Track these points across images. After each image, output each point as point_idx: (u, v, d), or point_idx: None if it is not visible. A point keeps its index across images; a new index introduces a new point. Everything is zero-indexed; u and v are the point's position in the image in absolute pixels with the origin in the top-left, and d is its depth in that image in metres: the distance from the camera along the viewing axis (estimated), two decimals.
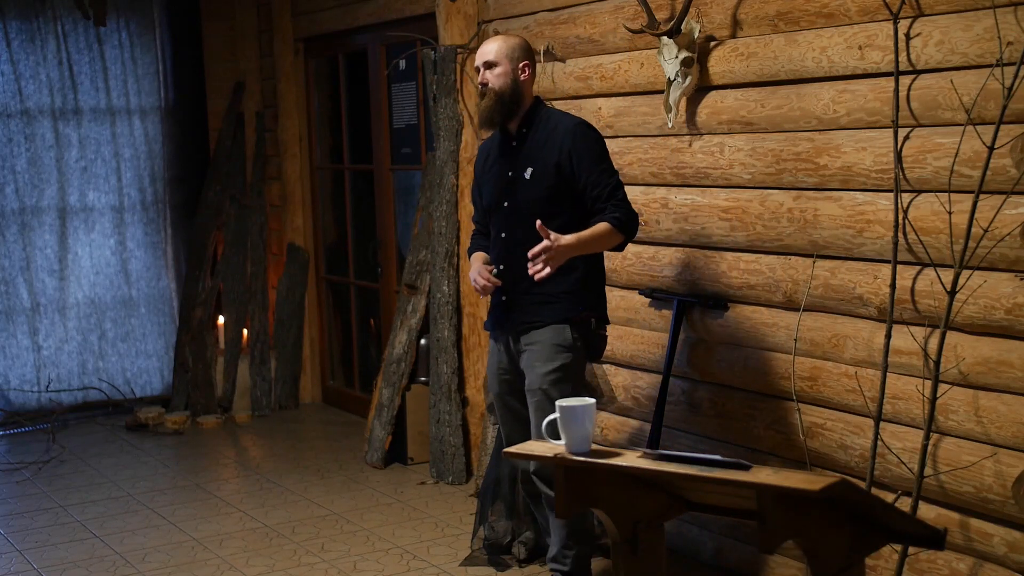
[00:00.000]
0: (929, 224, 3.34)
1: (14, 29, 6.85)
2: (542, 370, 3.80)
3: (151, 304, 7.35)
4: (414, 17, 5.93)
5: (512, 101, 3.85)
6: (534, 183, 3.82)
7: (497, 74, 3.85)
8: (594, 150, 3.79)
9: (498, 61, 3.85)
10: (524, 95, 3.88)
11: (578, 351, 3.83)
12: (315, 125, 7.26)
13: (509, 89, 3.84)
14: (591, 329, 3.86)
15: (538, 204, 3.79)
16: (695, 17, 4.07)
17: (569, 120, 3.85)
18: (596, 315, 3.88)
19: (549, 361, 3.80)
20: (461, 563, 4.45)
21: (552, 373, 3.79)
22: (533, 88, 3.97)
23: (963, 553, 3.37)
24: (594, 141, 3.81)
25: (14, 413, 6.91)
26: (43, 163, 6.98)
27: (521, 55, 3.87)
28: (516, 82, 3.85)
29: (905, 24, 3.36)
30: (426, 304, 5.69)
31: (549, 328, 3.81)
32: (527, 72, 3.87)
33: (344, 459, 5.99)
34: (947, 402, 3.32)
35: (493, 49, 3.88)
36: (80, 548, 4.79)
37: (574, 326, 3.81)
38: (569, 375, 3.81)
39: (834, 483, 2.51)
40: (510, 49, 3.87)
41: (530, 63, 3.89)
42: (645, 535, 3.01)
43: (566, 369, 3.80)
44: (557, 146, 3.79)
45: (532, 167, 3.83)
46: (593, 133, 3.83)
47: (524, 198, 3.84)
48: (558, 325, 3.80)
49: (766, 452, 3.98)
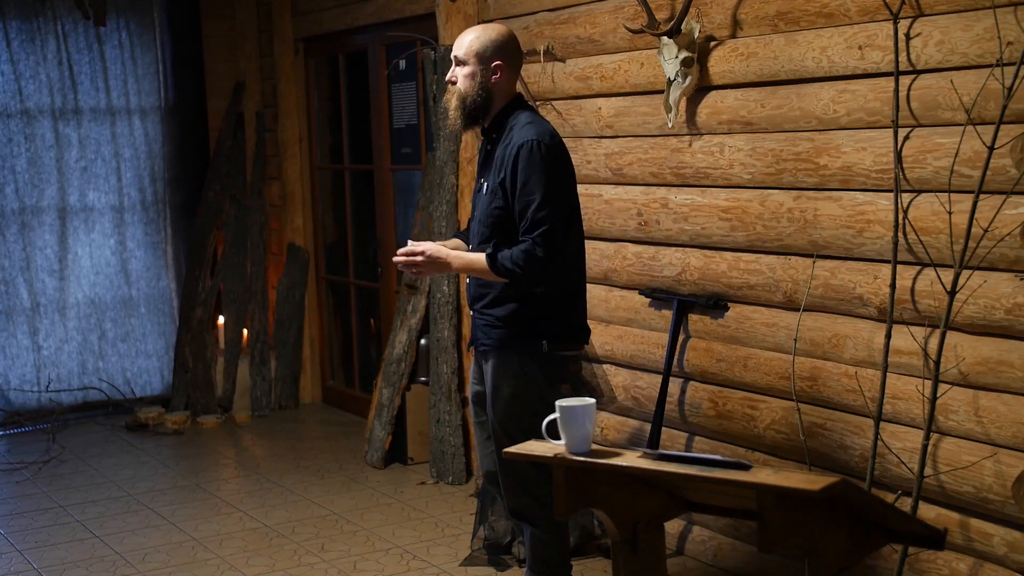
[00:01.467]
0: (929, 224, 3.34)
1: (14, 29, 6.85)
2: (493, 402, 3.62)
3: (151, 304, 7.35)
4: (414, 17, 5.93)
5: (478, 106, 3.56)
6: (487, 199, 3.58)
7: (465, 74, 3.55)
8: (526, 174, 3.42)
9: (467, 60, 3.54)
10: (494, 97, 3.57)
11: (527, 377, 3.57)
12: (315, 125, 7.26)
13: (473, 92, 3.55)
14: (543, 352, 3.56)
15: (487, 220, 3.56)
16: (695, 17, 4.07)
17: (522, 135, 3.48)
18: (550, 337, 3.56)
19: (497, 392, 3.60)
20: (461, 563, 4.45)
21: (503, 405, 3.59)
22: (512, 85, 3.64)
23: (963, 553, 3.38)
24: (531, 166, 3.42)
25: (14, 413, 6.91)
26: (43, 163, 6.98)
27: (494, 54, 3.53)
28: (484, 85, 3.54)
29: (905, 24, 3.36)
30: (426, 304, 5.69)
31: (495, 356, 3.59)
32: (500, 74, 3.54)
33: (344, 459, 5.99)
34: (947, 402, 3.32)
35: (464, 44, 3.56)
36: (80, 548, 4.79)
37: (520, 352, 3.56)
38: (521, 402, 3.57)
39: (834, 483, 2.51)
40: (482, 47, 3.53)
41: (505, 63, 3.55)
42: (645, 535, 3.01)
43: (515, 399, 3.57)
44: (505, 164, 3.49)
45: (488, 182, 3.58)
46: (535, 156, 3.43)
47: (480, 212, 3.63)
48: (503, 353, 3.57)
49: (766, 452, 3.98)
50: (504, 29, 3.65)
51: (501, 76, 3.57)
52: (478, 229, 3.63)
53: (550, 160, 3.47)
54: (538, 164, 3.44)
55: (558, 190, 3.49)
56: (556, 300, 3.59)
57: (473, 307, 3.72)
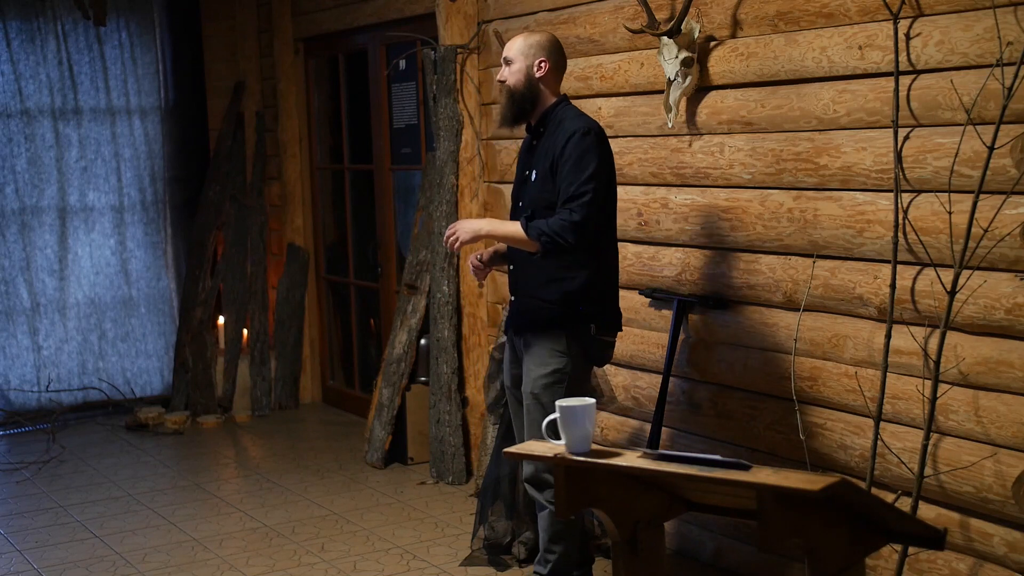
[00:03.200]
0: (929, 224, 3.34)
1: (14, 29, 6.86)
2: (534, 374, 3.79)
3: (151, 304, 7.36)
4: (414, 17, 5.93)
5: (525, 99, 3.80)
6: (536, 185, 3.80)
7: (512, 71, 3.81)
8: (575, 158, 3.65)
9: (514, 58, 3.81)
10: (541, 93, 3.81)
11: (574, 357, 3.77)
12: (315, 125, 7.26)
13: (522, 87, 3.79)
14: (591, 335, 3.80)
15: (538, 206, 3.76)
16: (695, 17, 4.07)
17: (572, 124, 3.74)
18: (597, 322, 3.80)
19: (542, 365, 3.78)
20: (461, 563, 4.45)
21: (543, 378, 3.76)
22: (557, 85, 3.86)
23: (963, 553, 3.38)
24: (584, 149, 3.66)
25: (14, 413, 6.91)
26: (43, 163, 6.98)
27: (538, 52, 3.79)
28: (530, 80, 3.79)
29: (905, 24, 3.36)
30: (426, 304, 5.69)
31: (544, 334, 3.78)
32: (543, 69, 3.78)
33: (344, 459, 5.99)
34: (947, 402, 3.32)
35: (512, 45, 3.83)
36: (80, 548, 4.79)
37: (570, 333, 3.76)
38: (562, 380, 3.76)
39: (834, 483, 2.51)
40: (527, 46, 3.80)
41: (548, 59, 3.80)
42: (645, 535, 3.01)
43: (559, 374, 3.76)
44: (554, 150, 3.73)
45: (536, 169, 3.81)
46: (585, 142, 3.67)
47: (529, 199, 3.83)
48: (553, 332, 3.77)
49: (766, 452, 3.98)
50: (548, 33, 3.92)
51: (545, 71, 3.81)
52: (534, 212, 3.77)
53: (598, 147, 3.71)
54: (587, 148, 3.67)
55: (602, 173, 3.70)
56: (599, 286, 3.79)
57: (517, 292, 3.89)
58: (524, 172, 3.91)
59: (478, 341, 5.50)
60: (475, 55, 5.40)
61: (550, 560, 3.92)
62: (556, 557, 3.90)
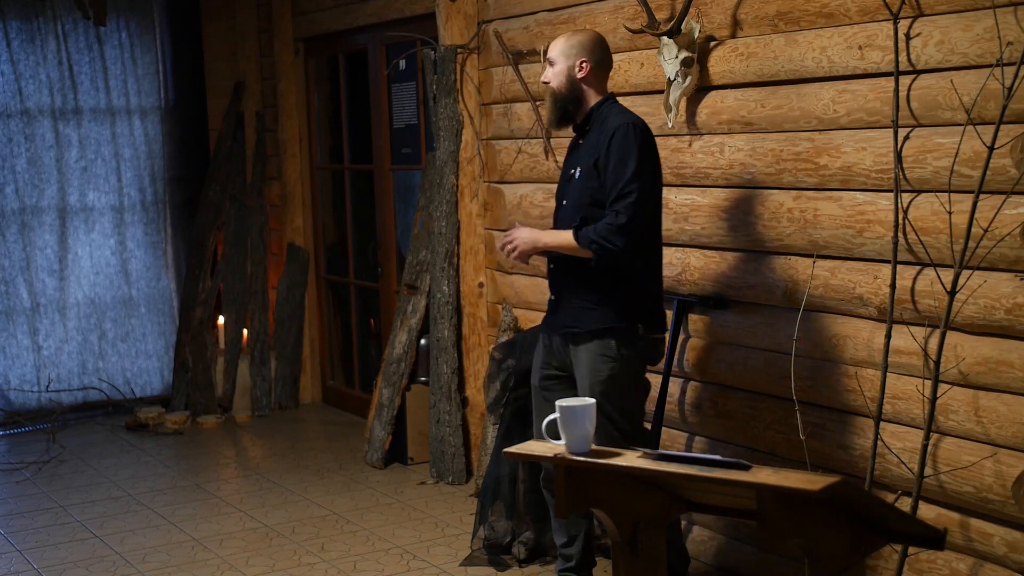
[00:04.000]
0: (929, 224, 3.34)
1: (14, 29, 6.86)
2: (589, 381, 3.74)
3: (151, 304, 7.36)
4: (414, 17, 5.93)
5: (568, 100, 3.78)
6: (580, 183, 3.77)
7: (555, 72, 3.79)
8: (622, 154, 3.62)
9: (555, 59, 3.79)
10: (584, 93, 3.78)
11: (625, 359, 3.72)
12: (315, 125, 7.26)
13: (565, 88, 3.77)
14: (639, 335, 3.74)
15: (582, 204, 3.73)
16: (695, 17, 4.07)
17: (615, 121, 3.70)
18: (644, 322, 3.74)
19: (596, 372, 3.73)
20: (461, 563, 4.45)
21: (599, 385, 3.72)
22: (602, 84, 3.82)
23: (963, 553, 3.38)
24: (627, 146, 3.63)
25: (14, 413, 6.91)
26: (43, 163, 6.98)
27: (579, 52, 3.75)
28: (572, 80, 3.76)
29: (905, 24, 3.36)
30: (426, 304, 5.69)
31: (593, 340, 3.74)
32: (585, 69, 3.75)
33: (344, 459, 5.99)
34: (947, 402, 3.32)
35: (554, 46, 3.82)
36: (80, 548, 4.79)
37: (617, 335, 3.71)
38: (620, 384, 3.72)
39: (834, 483, 2.51)
40: (568, 46, 3.77)
41: (589, 59, 3.75)
42: (645, 535, 3.01)
43: (616, 379, 3.71)
44: (599, 146, 3.69)
45: (581, 166, 3.78)
46: (632, 137, 3.63)
47: (573, 198, 3.80)
48: (601, 336, 3.72)
49: (766, 452, 3.98)
50: (591, 32, 3.89)
51: (586, 71, 3.77)
52: (571, 215, 3.77)
53: (644, 142, 3.68)
54: (633, 144, 3.64)
55: (649, 171, 3.68)
56: (644, 284, 3.76)
57: (560, 293, 3.85)
58: (569, 171, 3.87)
59: (478, 341, 5.50)
60: (475, 55, 5.40)
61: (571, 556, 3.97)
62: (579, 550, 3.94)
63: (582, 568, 3.99)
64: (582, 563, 3.98)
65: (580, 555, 3.97)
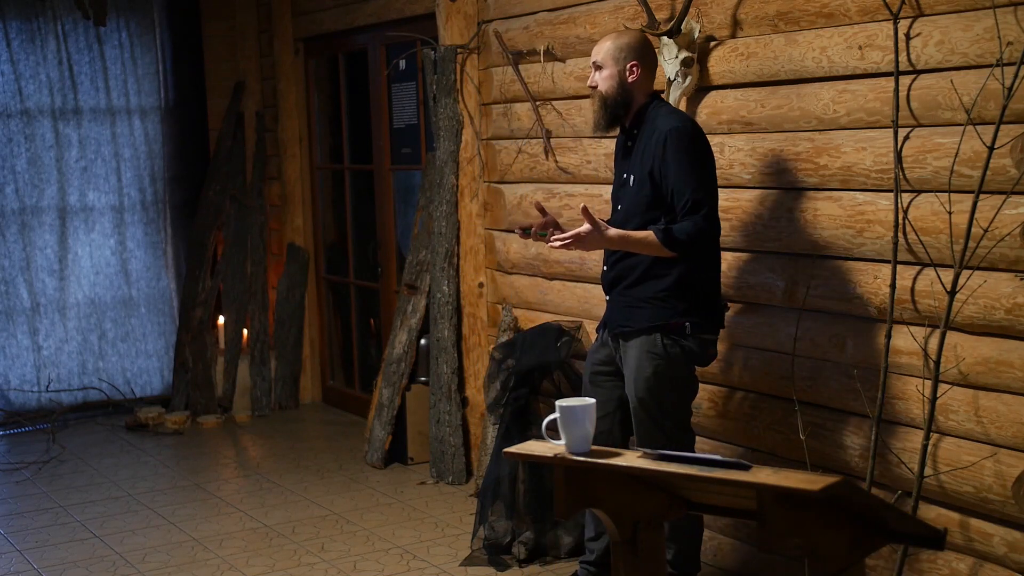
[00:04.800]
0: (929, 224, 3.34)
1: (14, 29, 6.85)
2: (636, 377, 3.75)
3: (151, 304, 7.35)
4: (414, 17, 5.93)
5: (619, 104, 3.75)
6: (636, 190, 3.75)
7: (604, 77, 3.75)
8: (680, 159, 3.60)
9: (604, 64, 3.75)
10: (633, 96, 3.76)
11: (673, 357, 3.71)
12: (315, 125, 7.26)
13: (615, 92, 3.74)
14: (686, 335, 3.71)
15: (639, 210, 3.72)
16: (695, 17, 4.07)
17: (666, 123, 3.67)
18: (693, 320, 3.71)
19: (642, 369, 3.73)
20: (461, 563, 4.45)
21: (646, 381, 3.72)
22: (650, 84, 3.80)
23: (963, 553, 3.37)
24: (682, 149, 3.61)
25: (14, 413, 6.91)
26: (43, 163, 6.98)
27: (629, 55, 3.72)
28: (623, 84, 3.73)
29: (905, 24, 3.36)
30: (426, 304, 5.69)
31: (641, 336, 3.74)
32: (636, 72, 3.73)
33: (344, 459, 5.99)
34: (947, 402, 3.32)
35: (602, 50, 3.77)
36: (80, 548, 4.79)
37: (665, 333, 3.70)
38: (664, 382, 3.71)
39: (834, 483, 2.51)
40: (617, 50, 3.74)
41: (640, 62, 3.73)
42: (645, 535, 3.01)
43: (660, 377, 3.70)
44: (652, 152, 3.67)
45: (634, 174, 3.75)
46: (684, 139, 3.62)
47: (628, 203, 3.79)
48: (648, 335, 3.72)
49: (766, 452, 3.98)
50: (637, 33, 3.87)
51: (637, 75, 3.75)
52: (627, 220, 3.75)
53: (700, 143, 3.68)
54: (689, 147, 3.63)
55: (708, 171, 3.69)
56: (696, 282, 3.73)
57: (611, 290, 3.85)
58: (622, 175, 3.85)
59: (478, 341, 5.50)
60: (475, 55, 5.40)
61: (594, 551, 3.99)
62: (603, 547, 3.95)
63: (602, 565, 3.98)
64: (602, 560, 3.96)
65: (602, 552, 3.96)
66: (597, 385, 3.93)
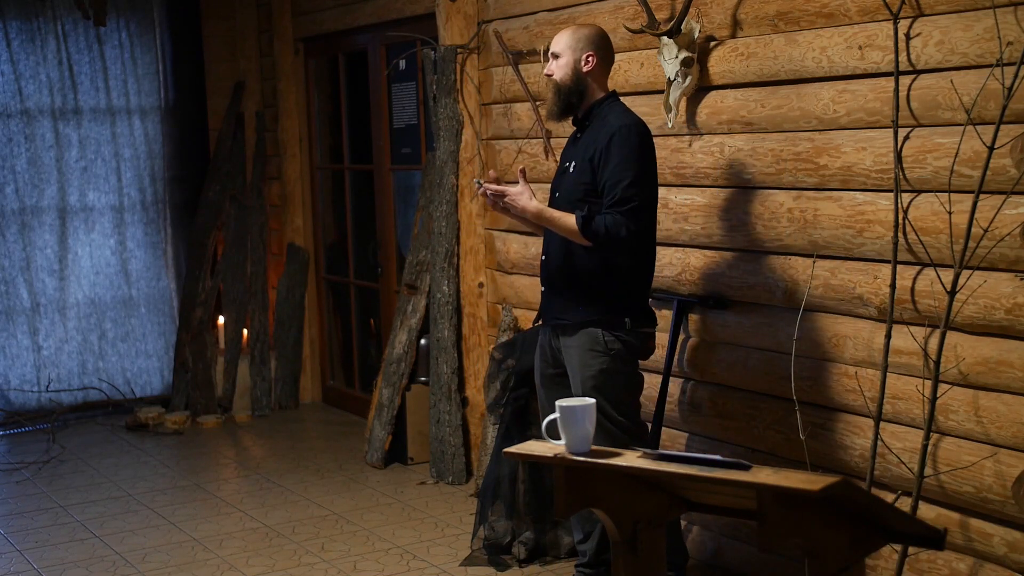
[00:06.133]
0: (929, 224, 3.34)
1: (14, 29, 6.85)
2: (581, 376, 3.77)
3: (151, 304, 7.35)
4: (414, 17, 5.93)
5: (572, 92, 3.78)
6: (575, 176, 3.79)
7: (560, 65, 3.79)
8: (621, 154, 3.65)
9: (561, 52, 3.79)
10: (587, 85, 3.79)
11: (615, 353, 3.76)
12: (315, 125, 7.26)
13: (570, 80, 3.77)
14: (626, 329, 3.77)
15: (575, 197, 3.75)
16: (695, 17, 4.07)
17: (618, 120, 3.72)
18: (631, 315, 3.77)
19: (586, 367, 3.76)
20: (461, 563, 4.45)
21: (591, 379, 3.75)
22: (605, 79, 3.85)
23: (963, 553, 3.38)
24: (627, 145, 3.66)
25: (14, 413, 6.91)
26: (43, 163, 6.98)
27: (586, 45, 3.77)
28: (578, 73, 3.77)
29: (905, 24, 3.36)
30: (426, 304, 5.69)
31: (581, 332, 3.77)
32: (591, 63, 3.76)
33: (344, 459, 5.99)
34: (947, 402, 3.32)
35: (559, 40, 3.81)
36: (80, 548, 4.79)
37: (606, 328, 3.75)
38: (610, 378, 3.75)
39: (834, 483, 2.51)
40: (575, 40, 3.78)
41: (596, 53, 3.77)
42: (645, 535, 3.01)
43: (604, 373, 3.75)
44: (597, 144, 3.71)
45: (576, 161, 3.81)
46: (632, 137, 3.67)
47: (565, 191, 3.83)
48: (589, 329, 3.76)
49: (766, 452, 3.98)
50: (596, 26, 3.92)
51: (592, 65, 3.79)
52: (562, 208, 3.77)
53: (645, 144, 3.73)
54: (634, 145, 3.68)
55: (649, 173, 3.73)
56: (634, 279, 3.80)
57: (551, 285, 3.88)
58: (565, 163, 3.90)
59: (478, 341, 5.50)
60: (475, 55, 5.40)
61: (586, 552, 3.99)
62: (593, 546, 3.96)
63: (597, 565, 3.98)
64: (596, 559, 3.97)
65: (595, 552, 3.97)
66: (550, 388, 3.95)
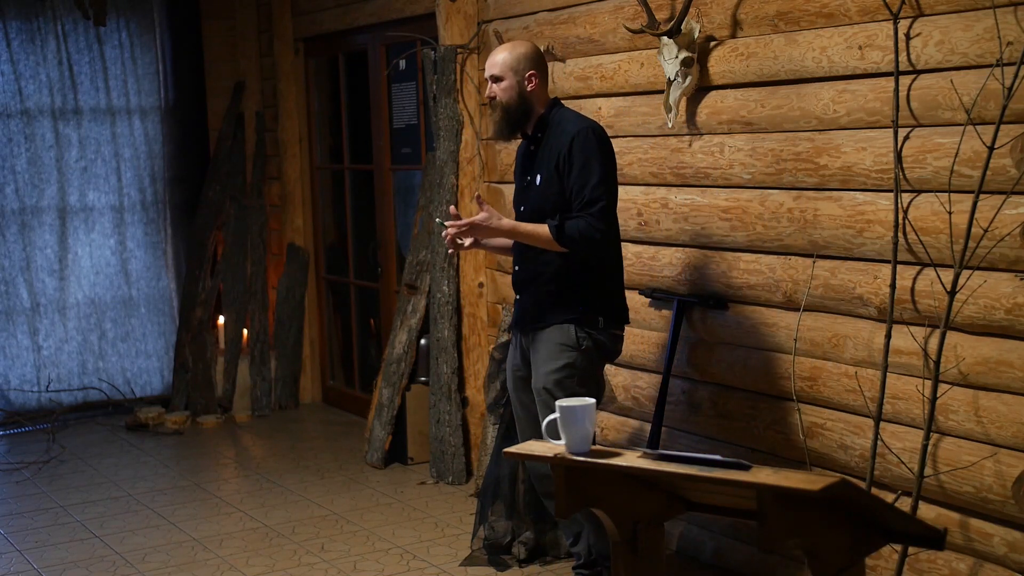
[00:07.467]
0: (929, 224, 3.34)
1: (14, 29, 6.85)
2: (545, 368, 3.80)
3: (151, 304, 7.35)
4: (414, 17, 5.93)
5: (520, 112, 3.84)
6: (543, 188, 3.82)
7: (503, 88, 3.82)
8: (584, 156, 3.70)
9: (503, 75, 3.82)
10: (534, 104, 3.85)
11: (585, 351, 3.80)
12: (315, 125, 7.26)
13: (516, 103, 3.82)
14: (599, 328, 3.81)
15: (546, 209, 3.78)
16: (695, 17, 4.07)
17: (574, 125, 3.78)
18: (604, 314, 3.82)
19: (553, 360, 3.79)
20: (461, 563, 4.45)
21: (555, 372, 3.78)
22: (546, 90, 3.91)
23: (963, 553, 3.38)
24: (589, 148, 3.71)
25: (14, 413, 6.91)
26: (43, 163, 6.98)
27: (527, 65, 3.82)
28: (522, 94, 3.82)
29: (905, 24, 3.36)
30: (426, 304, 5.69)
31: (553, 328, 3.81)
32: (534, 82, 3.82)
33: (344, 459, 5.99)
34: (947, 402, 3.32)
35: (498, 62, 3.84)
36: (80, 548, 4.79)
37: (579, 326, 3.79)
38: (574, 374, 3.79)
39: (834, 483, 2.51)
40: (515, 60, 3.82)
41: (538, 71, 3.84)
42: (645, 535, 3.01)
43: (571, 368, 3.78)
44: (558, 151, 3.76)
45: (541, 173, 3.84)
46: (592, 140, 3.73)
47: (535, 203, 3.85)
48: (562, 325, 3.79)
49: (766, 452, 3.98)
50: (530, 43, 3.97)
51: (535, 84, 3.85)
52: (531, 220, 3.81)
53: (604, 145, 3.78)
54: (595, 147, 3.73)
55: (611, 172, 3.78)
56: (604, 279, 3.86)
57: (523, 290, 3.92)
58: (526, 178, 3.93)
59: (478, 341, 5.50)
60: (475, 55, 5.40)
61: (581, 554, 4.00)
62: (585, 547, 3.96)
63: (592, 565, 3.98)
64: (591, 560, 3.98)
65: (587, 552, 3.98)
66: (520, 390, 3.98)
